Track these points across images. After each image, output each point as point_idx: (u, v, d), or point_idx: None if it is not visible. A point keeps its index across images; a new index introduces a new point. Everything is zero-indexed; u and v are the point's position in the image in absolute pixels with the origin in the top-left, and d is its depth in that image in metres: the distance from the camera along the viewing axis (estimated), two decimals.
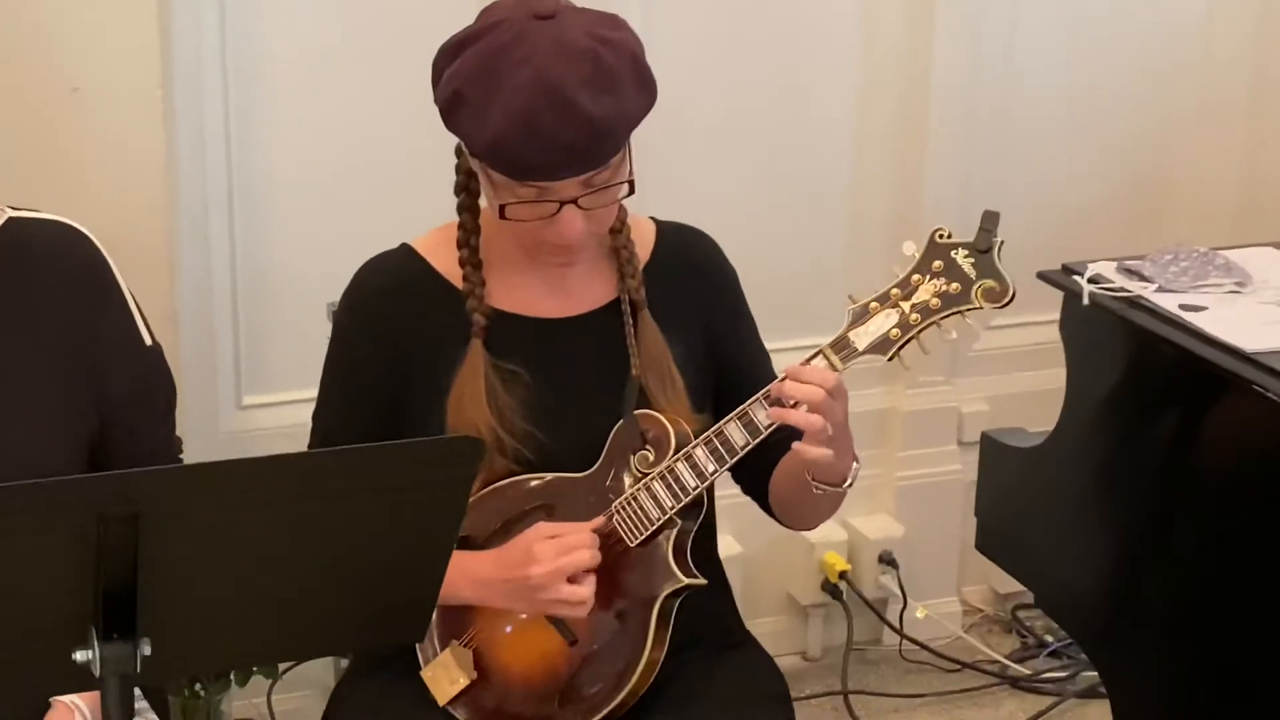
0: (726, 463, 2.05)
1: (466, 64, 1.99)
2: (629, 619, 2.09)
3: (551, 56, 1.95)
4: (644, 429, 2.09)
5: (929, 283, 2.02)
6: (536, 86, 1.94)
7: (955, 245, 2.04)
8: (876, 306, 2.04)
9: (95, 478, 1.60)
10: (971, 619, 3.64)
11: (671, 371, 2.13)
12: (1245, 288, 2.46)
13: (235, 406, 3.12)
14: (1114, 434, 2.53)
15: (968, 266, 2.02)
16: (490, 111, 1.95)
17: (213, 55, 2.92)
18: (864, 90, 3.35)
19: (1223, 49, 3.56)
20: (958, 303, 2.02)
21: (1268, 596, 2.29)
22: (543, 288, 2.14)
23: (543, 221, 2.02)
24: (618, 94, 1.98)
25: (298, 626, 1.75)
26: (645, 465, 2.09)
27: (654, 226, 2.22)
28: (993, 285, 2.01)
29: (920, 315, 2.02)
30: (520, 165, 1.97)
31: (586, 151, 1.97)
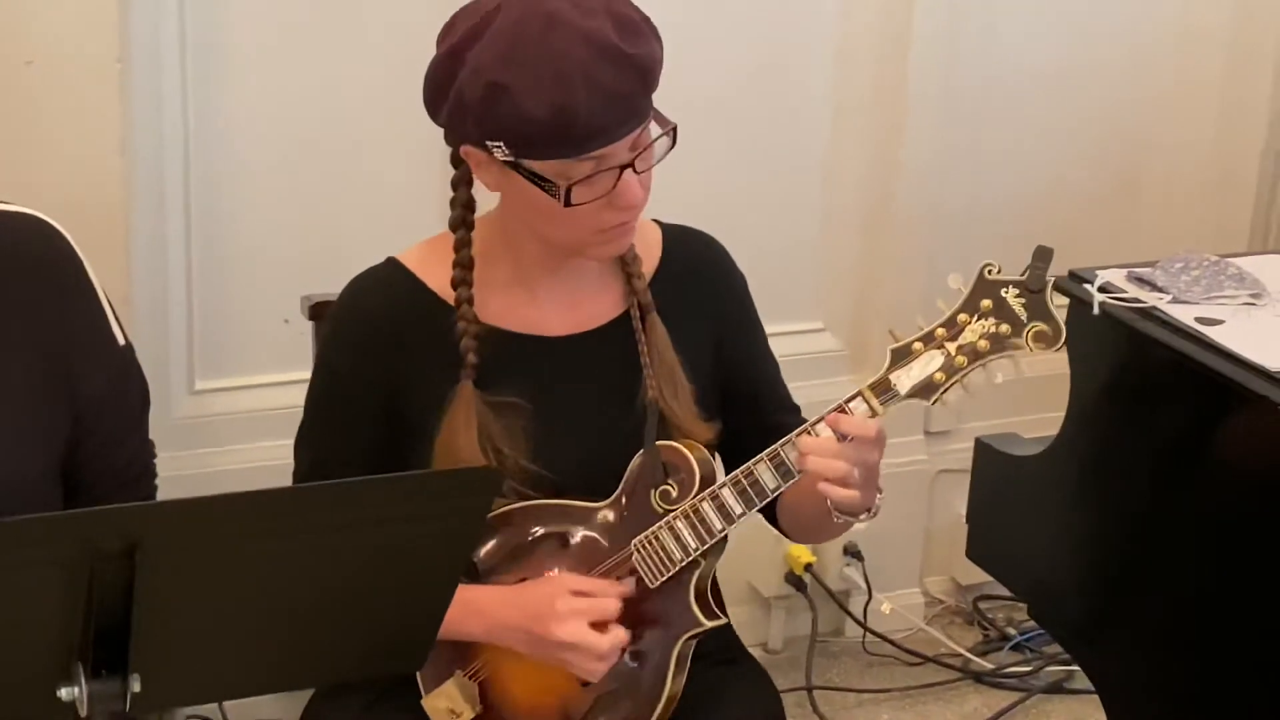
0: (755, 505, 1.98)
1: (487, 56, 1.88)
2: (647, 660, 2.02)
3: (575, 15, 1.87)
4: (666, 461, 2.01)
5: (976, 323, 1.93)
6: (581, 43, 1.85)
7: (1005, 283, 1.93)
8: (920, 347, 1.94)
9: (89, 512, 1.51)
10: (934, 611, 3.62)
11: (680, 378, 2.06)
12: (1260, 299, 2.42)
13: (188, 391, 3.05)
14: (1121, 445, 2.48)
15: (1018, 307, 1.92)
16: (542, 85, 1.84)
17: (171, 29, 2.84)
18: (841, 67, 3.31)
19: (1199, 23, 3.55)
20: (1007, 346, 1.93)
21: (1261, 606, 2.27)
22: (547, 304, 2.06)
23: (602, 202, 1.92)
24: (644, 38, 1.91)
25: (294, 658, 1.69)
26: (668, 502, 2.01)
27: (659, 232, 2.14)
28: (1044, 329, 1.92)
29: (967, 358, 1.93)
30: (583, 132, 1.86)
31: (637, 100, 1.89)
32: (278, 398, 2.90)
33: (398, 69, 2.96)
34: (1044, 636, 3.41)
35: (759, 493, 1.97)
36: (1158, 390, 2.42)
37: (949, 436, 3.51)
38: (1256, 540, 2.28)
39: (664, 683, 2.01)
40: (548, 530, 2.04)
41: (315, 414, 2.10)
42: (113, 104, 2.74)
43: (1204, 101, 3.60)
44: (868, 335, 3.45)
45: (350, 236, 2.93)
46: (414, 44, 2.92)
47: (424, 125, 2.04)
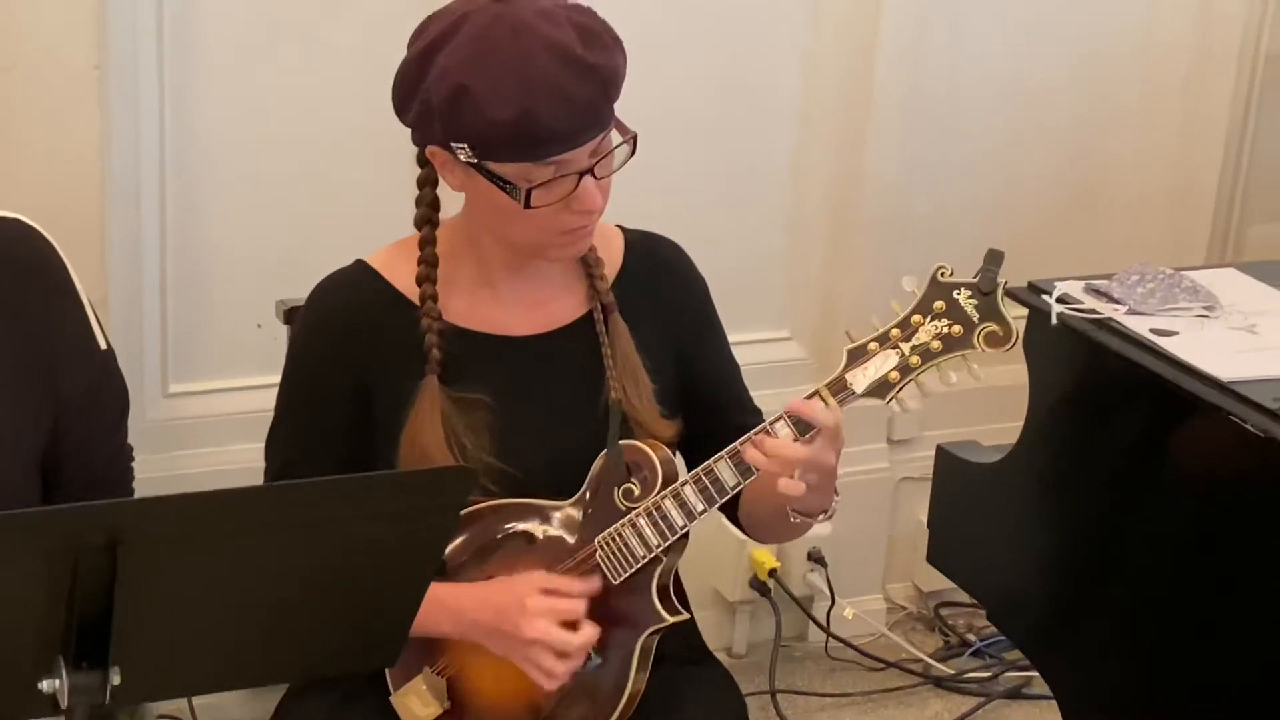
0: (716, 502, 2.02)
1: (454, 59, 1.93)
2: (610, 655, 2.06)
3: (542, 25, 1.92)
4: (629, 460, 2.05)
5: (930, 324, 1.98)
6: (545, 51, 1.91)
7: (958, 285, 1.99)
8: (875, 347, 1.99)
9: (74, 508, 1.54)
10: (896, 617, 3.66)
11: (642, 375, 2.09)
12: (1213, 312, 2.46)
13: (161, 394, 3.07)
14: (1078, 453, 2.52)
15: (970, 308, 1.97)
16: (506, 89, 1.90)
17: (149, 36, 2.86)
18: (807, 77, 3.34)
19: (1163, 34, 3.59)
20: (959, 346, 1.98)
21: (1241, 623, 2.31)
22: (511, 304, 2.10)
23: (561, 205, 1.96)
24: (607, 49, 1.96)
25: (271, 653, 1.71)
26: (631, 500, 2.05)
27: (621, 236, 2.18)
28: (995, 329, 1.97)
29: (920, 358, 1.98)
30: (545, 137, 1.91)
31: (600, 108, 1.94)
32: (251, 401, 2.92)
33: (371, 76, 2.97)
34: (1004, 643, 3.45)
35: (719, 490, 2.00)
36: (1114, 400, 2.45)
37: (911, 445, 3.55)
38: (1210, 549, 2.32)
39: (627, 678, 2.05)
40: (514, 528, 2.08)
41: (285, 415, 2.13)
42: (91, 110, 2.77)
43: (1165, 114, 3.64)
44: (833, 344, 3.44)
45: (324, 242, 2.92)
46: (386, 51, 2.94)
47: (397, 131, 2.07)
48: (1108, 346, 2.40)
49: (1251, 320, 2.44)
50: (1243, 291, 2.56)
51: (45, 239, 2.02)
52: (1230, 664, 2.32)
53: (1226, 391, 2.26)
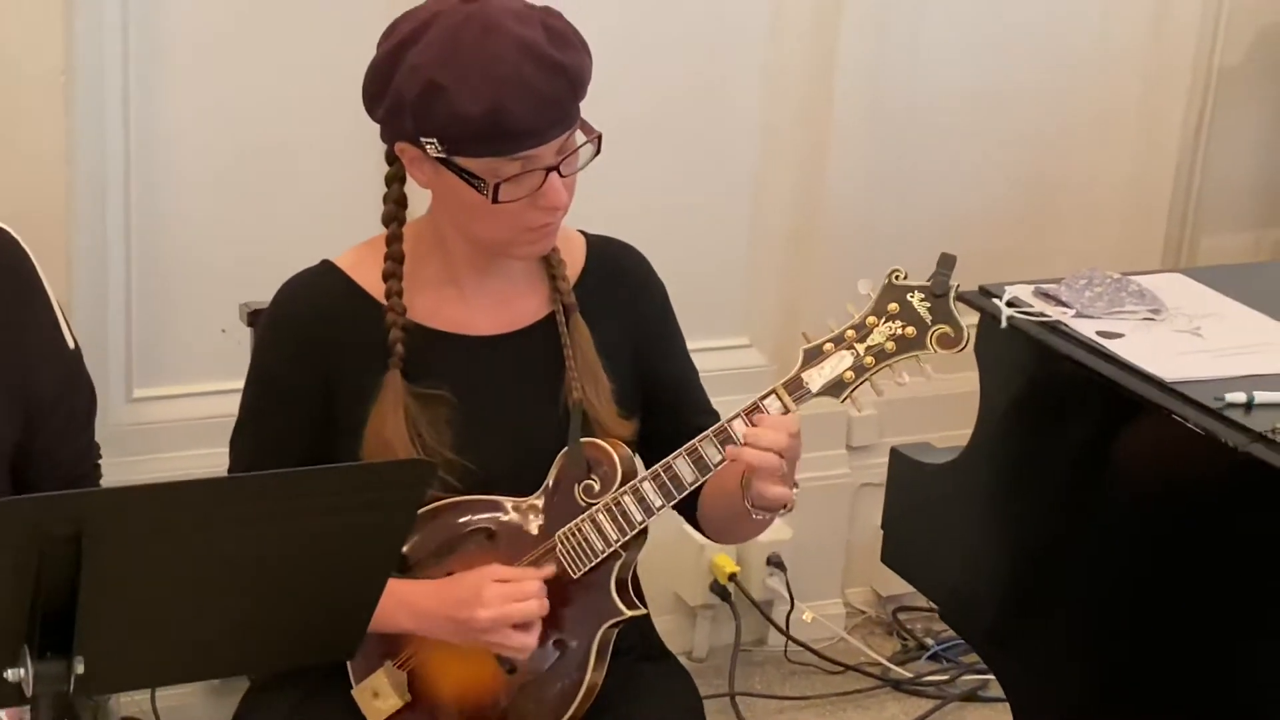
0: (674, 498, 2.05)
1: (425, 56, 1.97)
2: (569, 648, 2.09)
3: (511, 24, 1.97)
4: (589, 457, 2.08)
5: (884, 325, 2.02)
6: (515, 49, 1.95)
7: (911, 288, 2.03)
8: (831, 347, 2.03)
9: (38, 498, 1.57)
10: (854, 621, 3.68)
11: (601, 375, 2.13)
12: (1159, 315, 2.51)
13: (125, 399, 3.08)
14: (1026, 454, 2.56)
15: (923, 310, 2.01)
16: (476, 85, 1.94)
17: (114, 42, 2.88)
18: (769, 87, 3.37)
19: (1119, 46, 3.64)
20: (912, 347, 2.02)
21: (1185, 620, 2.34)
22: (475, 305, 2.13)
23: (527, 202, 2.00)
24: (574, 49, 2.01)
25: (234, 644, 1.74)
26: (590, 496, 2.08)
27: (583, 240, 2.22)
28: (947, 331, 2.01)
29: (875, 358, 2.02)
30: (514, 132, 1.95)
31: (566, 105, 1.99)
32: (215, 406, 2.93)
33: (336, 80, 2.99)
34: (961, 646, 3.49)
35: (677, 486, 2.04)
36: (1062, 401, 2.49)
37: (870, 451, 3.57)
38: (1156, 548, 2.36)
39: (585, 671, 2.08)
40: (475, 524, 2.11)
41: (249, 412, 2.16)
42: (56, 114, 2.79)
43: (1121, 125, 3.68)
44: (793, 351, 3.47)
45: (289, 246, 2.88)
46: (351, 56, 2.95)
47: (361, 136, 2.09)
48: (1055, 349, 2.44)
49: (1196, 323, 2.48)
50: (1189, 295, 2.60)
51: (15, 240, 2.06)
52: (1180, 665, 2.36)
53: (1169, 391, 2.30)
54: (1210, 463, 2.24)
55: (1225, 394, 2.28)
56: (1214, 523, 2.28)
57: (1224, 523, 2.26)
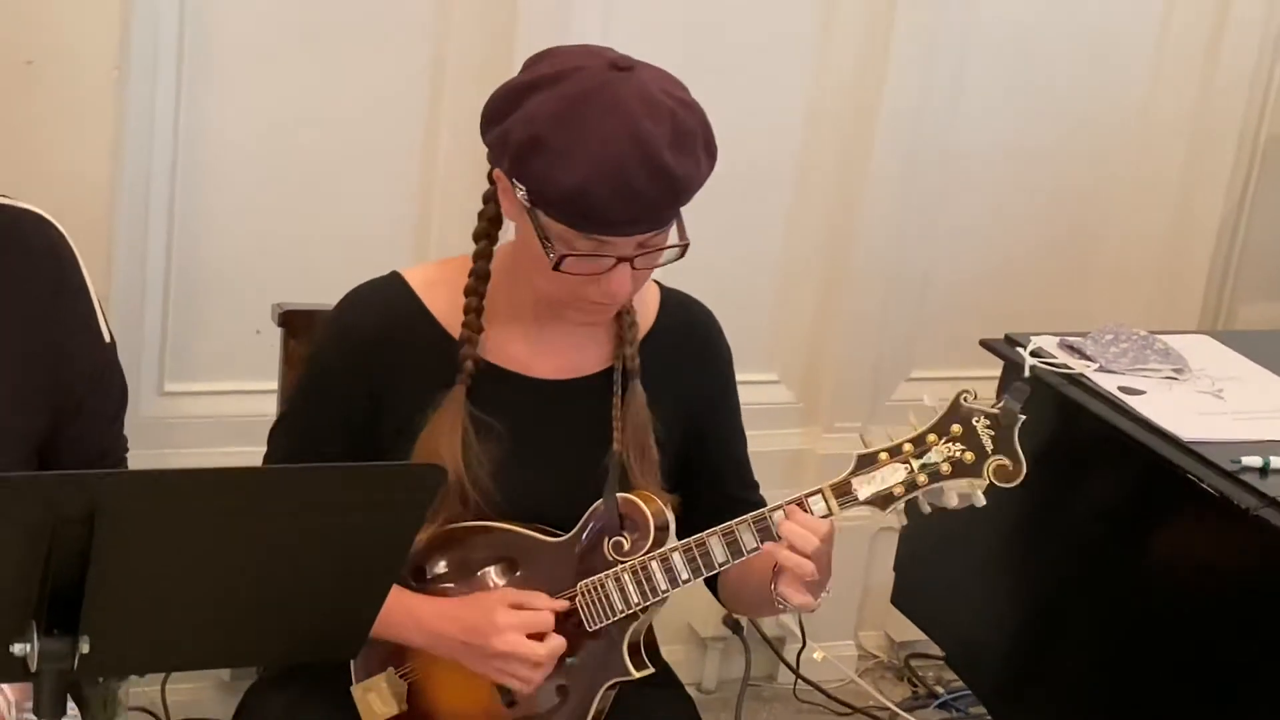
0: (702, 574, 2.03)
1: (545, 108, 1.93)
2: (571, 696, 2.08)
3: (639, 111, 1.92)
4: (624, 513, 2.06)
5: (943, 445, 1.97)
6: (628, 139, 1.90)
7: (978, 412, 1.97)
8: (886, 457, 1.98)
9: (55, 475, 1.60)
10: (866, 664, 3.68)
11: (650, 447, 2.11)
12: (1182, 375, 2.51)
13: (157, 393, 3.11)
14: (1040, 504, 2.55)
15: (986, 438, 1.96)
16: (576, 159, 1.91)
17: (170, 41, 2.91)
18: (809, 132, 3.38)
19: (1164, 110, 3.63)
20: (968, 474, 1.97)
21: (1188, 679, 2.35)
22: (539, 346, 2.11)
23: (589, 278, 1.98)
24: (694, 156, 1.96)
25: (236, 635, 1.75)
26: (619, 553, 2.06)
27: (659, 294, 2.19)
28: (1006, 464, 1.96)
29: (928, 478, 1.98)
30: (596, 217, 1.92)
31: (661, 210, 1.95)
32: (243, 406, 2.97)
33: (380, 91, 3.06)
34: (970, 697, 3.48)
35: (707, 564, 2.02)
36: (1080, 454, 2.50)
37: None
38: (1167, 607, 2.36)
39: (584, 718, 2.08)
40: (500, 554, 2.11)
41: (294, 409, 2.16)
42: (107, 109, 2.81)
43: (1163, 188, 3.67)
44: (819, 390, 3.53)
45: (327, 251, 2.99)
46: (396, 69, 3.04)
47: (402, 147, 2.12)
48: (1076, 401, 2.45)
49: (1219, 385, 2.49)
50: (1214, 358, 2.61)
51: (60, 232, 2.09)
52: None
53: (1185, 450, 2.31)
54: (1222, 524, 2.25)
55: (1241, 457, 2.28)
56: (1224, 585, 2.28)
57: (1234, 585, 2.27)
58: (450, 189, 3.02)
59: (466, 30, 3.04)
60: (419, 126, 3.08)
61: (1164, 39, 3.59)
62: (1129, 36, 3.58)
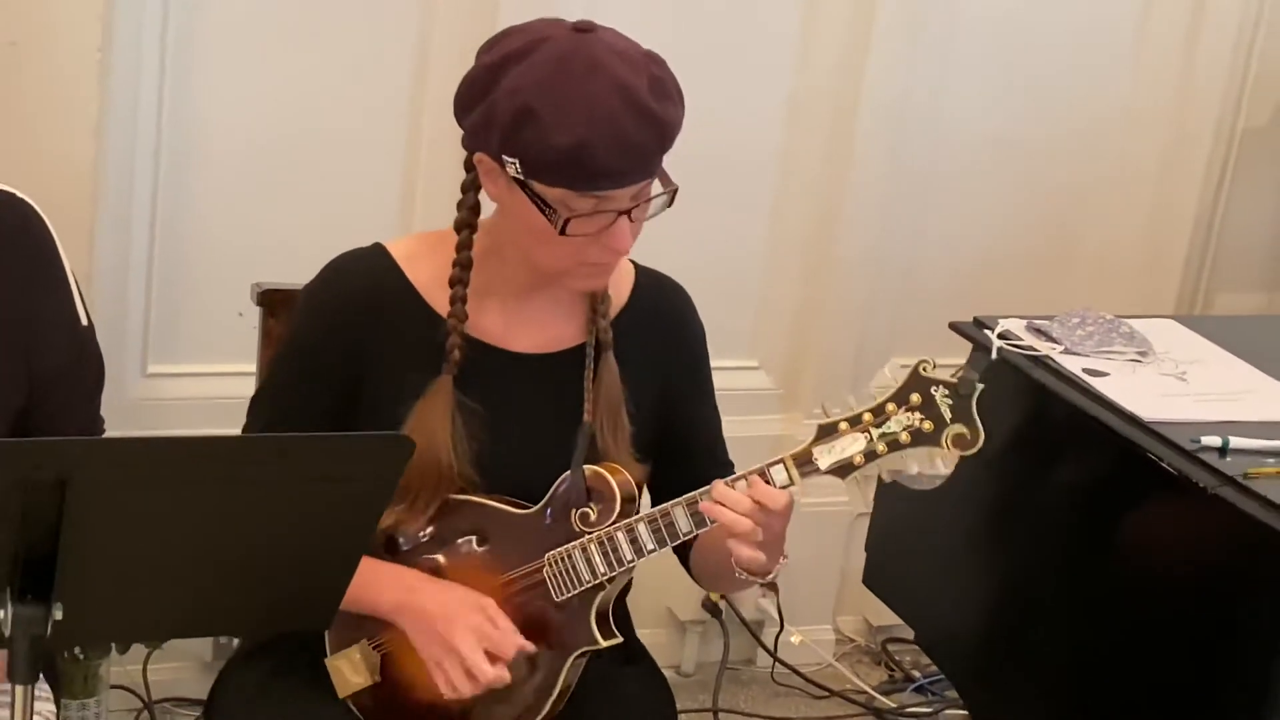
0: (667, 544, 2.06)
1: (527, 78, 1.97)
2: (540, 665, 2.11)
3: (617, 65, 1.98)
4: (591, 486, 2.10)
5: (902, 414, 1.99)
6: (615, 92, 1.96)
7: (937, 382, 1.99)
8: (846, 427, 2.01)
9: (26, 442, 1.61)
10: (843, 648, 3.71)
11: (622, 417, 2.14)
12: (1146, 357, 2.54)
13: (140, 374, 3.14)
14: (1008, 485, 2.59)
15: (944, 407, 1.98)
16: (571, 119, 1.95)
17: (153, 23, 2.93)
18: (793, 121, 3.41)
19: (1143, 104, 3.67)
20: (926, 442, 1.99)
21: (1153, 659, 2.37)
22: (515, 321, 2.15)
23: (591, 238, 2.02)
24: (671, 101, 2.03)
25: (209, 604, 1.77)
26: (585, 524, 2.09)
27: (633, 272, 2.23)
28: (964, 432, 1.98)
29: (887, 447, 2.00)
30: (596, 172, 1.97)
31: (651, 155, 2.00)
32: (226, 387, 2.98)
33: (364, 73, 3.08)
34: (946, 681, 3.52)
35: (671, 534, 2.05)
36: (1044, 435, 2.53)
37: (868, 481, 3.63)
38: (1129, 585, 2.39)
39: (551, 691, 2.11)
40: (472, 525, 2.13)
41: (274, 379, 2.19)
42: (91, 91, 2.84)
43: (1141, 182, 3.71)
44: (800, 377, 3.55)
45: (310, 233, 2.97)
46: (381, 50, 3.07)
47: (388, 128, 2.13)
48: (1041, 383, 2.48)
49: (1183, 368, 2.52)
50: (1179, 341, 2.64)
51: (36, 214, 2.09)
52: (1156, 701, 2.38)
53: (1146, 430, 2.34)
54: (1182, 503, 2.28)
55: (1201, 437, 2.31)
56: (1186, 562, 2.31)
57: (1195, 562, 2.30)
58: (433, 170, 3.04)
59: (450, 14, 3.07)
60: (403, 109, 3.11)
61: (1142, 35, 3.63)
62: (1108, 32, 3.61)
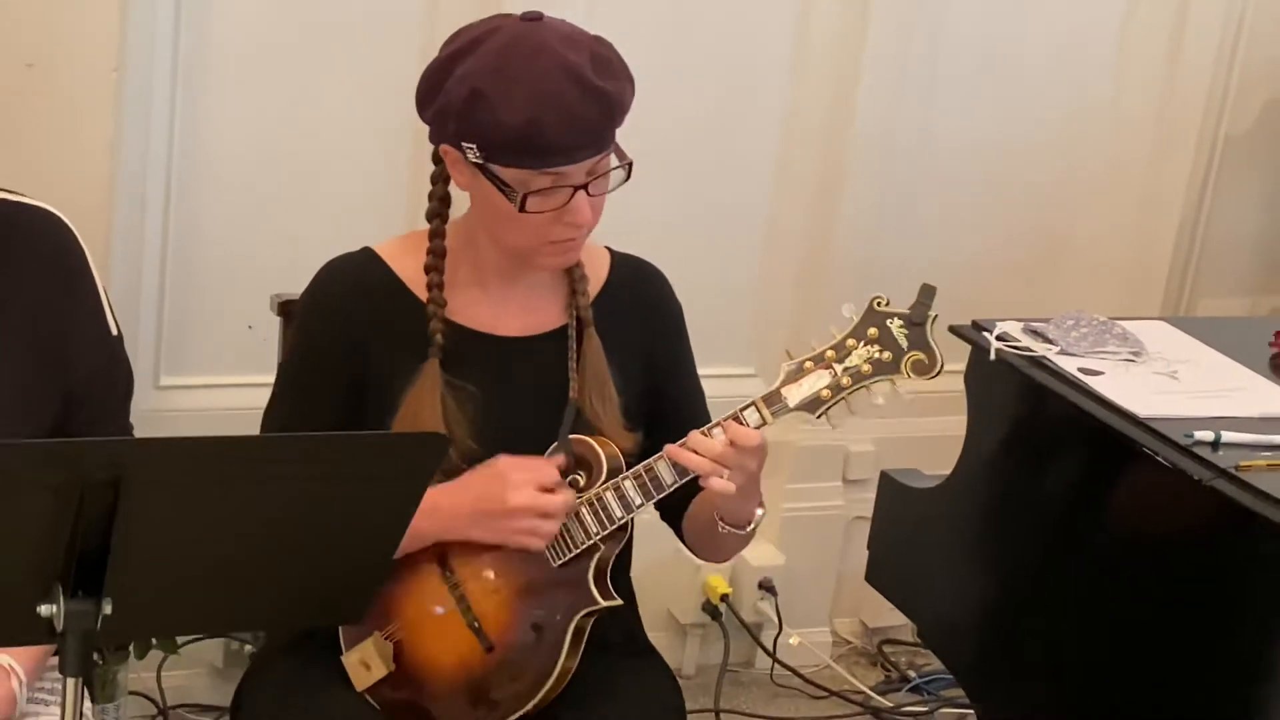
0: (653, 497, 2.15)
1: (478, 64, 2.09)
2: (545, 632, 2.19)
3: (560, 47, 2.09)
4: (578, 453, 2.19)
5: (862, 348, 2.11)
6: (559, 71, 2.07)
7: (891, 315, 2.12)
8: (811, 365, 2.13)
9: (84, 442, 1.66)
10: (840, 650, 3.76)
11: (609, 390, 2.23)
12: (1139, 357, 2.61)
13: (153, 386, 3.18)
14: (1007, 482, 2.66)
15: (901, 337, 2.11)
16: (517, 99, 2.06)
17: (166, 43, 2.99)
18: (788, 125, 3.47)
19: (1129, 109, 3.73)
20: (887, 371, 2.11)
21: (1152, 650, 2.43)
22: (501, 306, 2.24)
23: (553, 215, 2.11)
24: (617, 78, 2.12)
25: (249, 599, 1.83)
26: (576, 489, 2.18)
27: (609, 256, 2.33)
28: (922, 358, 2.10)
29: (851, 379, 2.11)
30: (547, 148, 2.07)
31: (600, 130, 2.10)
32: (238, 399, 2.99)
33: (367, 91, 3.13)
34: (942, 680, 3.57)
35: (656, 486, 2.14)
36: (1042, 433, 2.59)
37: (866, 485, 3.59)
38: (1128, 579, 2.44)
39: (559, 655, 2.18)
40: None
41: (284, 387, 2.27)
42: (106, 110, 2.90)
43: (1127, 186, 3.77)
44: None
45: (320, 245, 2.98)
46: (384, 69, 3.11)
47: (389, 143, 2.20)
48: (1038, 382, 2.54)
49: (1174, 367, 2.59)
50: (1170, 342, 2.71)
51: (70, 230, 2.17)
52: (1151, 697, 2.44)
53: (1141, 426, 2.40)
54: (1177, 496, 2.34)
55: (1194, 431, 2.38)
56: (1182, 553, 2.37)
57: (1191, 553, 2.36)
58: None
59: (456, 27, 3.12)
60: (407, 124, 3.10)
61: (1125, 43, 3.69)
62: (1092, 41, 3.67)
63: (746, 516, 2.19)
